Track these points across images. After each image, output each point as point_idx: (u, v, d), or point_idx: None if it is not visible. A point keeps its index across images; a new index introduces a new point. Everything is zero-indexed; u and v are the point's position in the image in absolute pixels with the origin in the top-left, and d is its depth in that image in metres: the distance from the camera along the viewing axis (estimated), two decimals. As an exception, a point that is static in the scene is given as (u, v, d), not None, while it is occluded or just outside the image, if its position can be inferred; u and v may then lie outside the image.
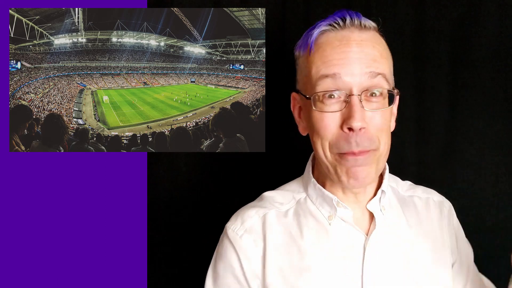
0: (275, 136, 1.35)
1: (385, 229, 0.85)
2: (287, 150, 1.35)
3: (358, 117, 0.74)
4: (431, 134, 1.29)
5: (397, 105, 0.89)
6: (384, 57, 0.80)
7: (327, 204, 0.85)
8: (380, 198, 0.86)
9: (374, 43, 0.79)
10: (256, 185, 1.36)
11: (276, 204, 0.89)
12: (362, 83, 0.75)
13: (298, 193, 0.90)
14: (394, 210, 0.90)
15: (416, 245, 0.87)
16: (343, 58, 0.76)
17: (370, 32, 0.80)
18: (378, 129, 0.77)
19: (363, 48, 0.76)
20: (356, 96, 0.75)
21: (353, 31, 0.79)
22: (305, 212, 0.86)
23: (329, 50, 0.78)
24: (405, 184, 0.97)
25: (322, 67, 0.77)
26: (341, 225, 0.84)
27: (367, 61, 0.76)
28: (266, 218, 0.86)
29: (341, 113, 0.76)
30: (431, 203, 0.94)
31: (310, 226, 0.84)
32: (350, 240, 0.83)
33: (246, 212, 0.89)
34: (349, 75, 0.75)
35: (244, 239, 0.84)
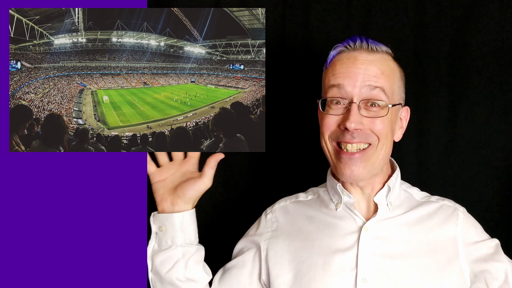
0: (275, 136, 1.35)
1: (387, 222, 0.94)
2: (287, 150, 1.35)
3: (353, 119, 0.88)
4: (431, 134, 1.29)
5: (407, 120, 1.00)
6: (386, 75, 0.92)
7: (336, 194, 0.99)
8: (387, 193, 0.95)
9: (378, 63, 0.92)
10: (256, 185, 1.36)
11: (304, 195, 1.08)
12: (362, 94, 0.90)
13: (322, 188, 1.08)
14: (402, 208, 0.97)
15: (417, 245, 0.92)
16: (348, 72, 0.91)
17: (377, 54, 0.93)
18: (377, 131, 0.90)
19: (366, 66, 0.91)
20: (354, 104, 0.89)
21: (361, 52, 0.93)
22: (321, 201, 1.04)
23: (339, 65, 0.93)
24: (421, 193, 1.03)
25: (331, 79, 0.93)
26: (345, 211, 0.97)
27: (368, 76, 0.90)
28: (289, 205, 1.07)
29: (342, 116, 0.91)
30: (444, 207, 0.98)
31: (322, 212, 1.01)
32: (351, 223, 0.95)
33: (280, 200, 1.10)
34: (351, 86, 0.90)
35: (268, 216, 1.07)
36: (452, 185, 1.27)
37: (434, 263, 0.89)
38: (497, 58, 1.25)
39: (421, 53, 1.30)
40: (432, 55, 1.29)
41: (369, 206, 0.97)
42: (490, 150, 1.26)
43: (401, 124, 0.99)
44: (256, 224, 1.08)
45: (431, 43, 1.29)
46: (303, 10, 1.35)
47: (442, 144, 1.29)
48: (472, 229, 0.96)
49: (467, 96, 1.27)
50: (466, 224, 0.95)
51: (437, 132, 1.29)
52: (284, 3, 1.36)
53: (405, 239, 0.92)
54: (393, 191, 0.96)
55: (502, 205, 1.26)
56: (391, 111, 0.92)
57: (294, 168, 1.35)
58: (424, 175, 1.29)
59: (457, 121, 1.28)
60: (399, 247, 0.91)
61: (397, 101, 0.95)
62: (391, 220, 0.95)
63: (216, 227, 1.35)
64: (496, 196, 1.26)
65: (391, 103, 0.91)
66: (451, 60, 1.28)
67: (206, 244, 1.02)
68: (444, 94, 1.29)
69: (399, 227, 0.94)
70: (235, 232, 1.11)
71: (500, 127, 1.25)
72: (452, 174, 1.28)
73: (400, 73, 0.97)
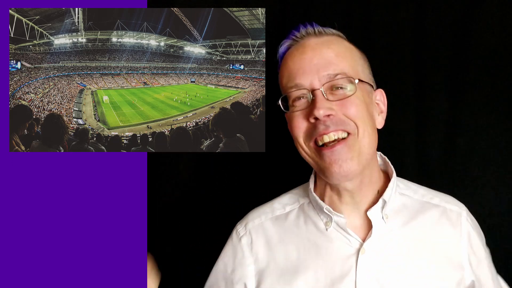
0: (275, 136, 1.34)
1: (384, 237, 0.85)
2: (287, 150, 1.34)
3: (320, 106, 0.79)
4: (431, 134, 1.29)
5: (384, 103, 0.92)
6: (341, 56, 0.84)
7: (323, 212, 0.87)
8: (382, 207, 0.86)
9: (330, 43, 0.85)
10: (256, 185, 1.36)
11: (279, 206, 0.95)
12: (323, 80, 0.81)
13: (302, 198, 0.95)
14: (399, 219, 0.88)
15: (418, 259, 0.84)
16: (301, 68, 0.83)
17: (326, 36, 0.87)
18: (351, 115, 0.81)
19: (318, 51, 0.83)
20: (319, 90, 0.80)
21: (309, 38, 0.86)
22: (306, 217, 0.91)
23: (290, 61, 0.86)
24: (421, 189, 0.95)
25: (286, 79, 0.86)
26: (338, 231, 0.86)
27: (322, 65, 0.82)
28: (266, 223, 0.93)
29: (308, 109, 0.82)
30: (447, 213, 0.90)
31: (309, 231, 0.89)
32: (345, 246, 0.85)
33: (251, 214, 0.97)
34: (309, 80, 0.82)
35: (243, 241, 0.92)
36: (452, 185, 1.27)
37: (436, 280, 0.83)
38: (497, 58, 1.25)
39: (421, 53, 1.30)
40: (432, 55, 1.29)
41: (363, 221, 0.87)
42: (490, 150, 1.26)
43: (379, 108, 0.90)
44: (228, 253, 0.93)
45: (431, 43, 1.29)
46: (303, 10, 1.35)
47: (442, 144, 1.29)
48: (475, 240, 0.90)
49: (467, 96, 1.27)
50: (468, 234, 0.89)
51: (437, 132, 1.29)
52: (284, 3, 1.36)
53: (406, 259, 0.83)
54: (389, 203, 0.87)
55: (502, 206, 1.26)
56: (360, 90, 0.82)
57: (294, 168, 1.34)
58: (424, 175, 1.29)
59: (457, 121, 1.28)
60: (400, 268, 0.83)
61: (364, 79, 0.86)
62: (389, 237, 0.85)
63: (216, 227, 1.34)
64: (496, 196, 1.26)
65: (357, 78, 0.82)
66: (451, 60, 1.28)
67: (205, 244, 1.02)
68: (444, 94, 1.28)
69: (399, 245, 0.84)
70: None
71: (501, 127, 1.25)
72: (452, 174, 1.28)
73: (361, 53, 0.89)
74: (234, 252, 0.93)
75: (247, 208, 1.02)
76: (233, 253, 0.93)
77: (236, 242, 0.93)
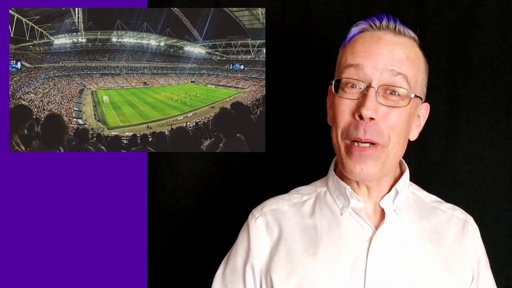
0: (275, 136, 1.35)
1: (396, 229, 0.86)
2: (287, 150, 1.35)
3: (369, 106, 0.77)
4: (431, 134, 1.29)
5: (425, 118, 0.92)
6: (411, 61, 0.83)
7: (342, 196, 0.89)
8: (394, 197, 0.88)
9: (404, 47, 0.83)
10: (256, 185, 1.36)
11: (297, 195, 0.96)
12: (383, 79, 0.80)
13: (320, 187, 0.96)
14: (411, 214, 0.90)
15: (428, 256, 0.85)
16: (370, 52, 0.81)
17: (404, 38, 0.85)
18: (389, 127, 0.81)
19: (392, 48, 0.81)
20: (373, 89, 0.79)
21: (386, 33, 0.84)
22: (322, 203, 0.92)
23: (360, 43, 0.84)
24: (431, 196, 0.97)
25: (350, 57, 0.83)
26: (352, 216, 0.87)
27: (391, 59, 0.80)
28: (283, 208, 0.94)
29: (357, 101, 0.81)
30: (454, 219, 0.92)
31: (324, 215, 0.90)
32: (358, 231, 0.86)
33: (268, 201, 0.97)
34: (371, 68, 0.80)
35: (258, 221, 0.93)
36: (452, 186, 1.27)
37: (442, 278, 0.84)
38: (497, 56, 1.25)
39: (421, 53, 1.30)
40: (432, 55, 1.29)
41: (375, 211, 0.88)
42: (491, 150, 1.26)
43: (418, 122, 0.90)
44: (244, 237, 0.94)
45: (431, 43, 1.29)
46: (303, 10, 1.35)
47: (442, 144, 1.29)
48: (480, 247, 0.93)
49: (467, 96, 1.27)
50: (476, 240, 0.92)
51: (437, 132, 1.29)
52: (284, 3, 1.36)
53: (416, 253, 0.85)
54: (401, 194, 0.88)
55: (502, 206, 1.26)
56: (412, 104, 0.82)
57: (294, 168, 1.35)
58: (424, 175, 1.29)
59: (457, 121, 1.28)
60: (409, 261, 0.84)
61: (419, 93, 0.85)
62: (401, 229, 0.87)
63: (216, 226, 1.35)
64: (496, 196, 1.26)
65: (414, 93, 0.82)
66: (450, 61, 1.28)
67: (205, 244, 1.02)
68: (444, 94, 1.29)
69: (410, 239, 0.86)
70: (235, 232, 1.11)
71: (501, 128, 1.25)
72: (452, 174, 1.28)
73: (426, 65, 0.89)
74: (248, 234, 0.93)
75: (247, 208, 1.02)
76: (247, 235, 0.93)
77: (252, 223, 0.94)
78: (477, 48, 1.26)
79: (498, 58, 1.25)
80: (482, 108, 1.26)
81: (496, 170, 1.26)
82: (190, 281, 1.32)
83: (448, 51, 1.28)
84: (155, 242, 1.32)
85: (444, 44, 1.28)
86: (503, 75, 1.25)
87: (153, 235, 1.31)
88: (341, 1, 1.33)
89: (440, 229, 0.90)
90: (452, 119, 1.28)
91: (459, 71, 1.28)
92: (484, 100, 1.26)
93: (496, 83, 1.25)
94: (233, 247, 0.97)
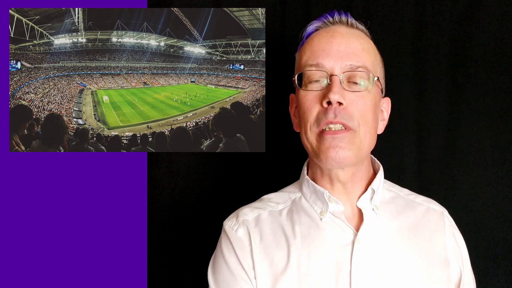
0: (275, 136, 1.35)
1: (377, 229, 0.86)
2: (287, 150, 1.35)
3: (336, 91, 0.79)
4: (431, 134, 1.29)
5: (388, 112, 0.94)
6: (366, 52, 0.85)
7: (320, 201, 0.88)
8: (371, 196, 0.88)
9: (359, 37, 0.86)
10: (256, 185, 1.36)
11: (272, 204, 0.94)
12: (344, 68, 0.82)
13: (294, 194, 0.95)
14: (389, 211, 0.90)
15: (411, 253, 0.86)
16: (328, 50, 0.84)
17: (356, 30, 0.89)
18: (358, 112, 0.82)
19: (346, 40, 0.84)
20: (336, 77, 0.81)
21: (341, 26, 0.88)
22: (299, 210, 0.90)
23: (317, 40, 0.86)
24: (405, 190, 0.98)
25: (309, 57, 0.86)
26: (332, 221, 0.86)
27: (348, 54, 0.83)
28: (260, 216, 0.91)
29: (323, 91, 0.82)
30: (431, 211, 0.93)
31: (302, 222, 0.88)
32: (340, 235, 0.85)
33: (241, 210, 0.94)
34: (332, 62, 0.82)
35: (239, 232, 0.89)
36: (452, 185, 1.27)
37: (427, 272, 0.85)
38: (497, 56, 1.25)
39: (421, 52, 1.30)
40: (432, 53, 1.29)
41: (354, 213, 0.88)
42: (490, 150, 1.26)
43: (383, 116, 0.92)
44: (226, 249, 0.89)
45: (431, 41, 1.29)
46: (303, 10, 1.35)
47: (442, 144, 1.29)
48: (458, 237, 0.94)
49: (467, 94, 1.27)
50: (452, 231, 0.93)
51: (437, 132, 1.29)
52: (284, 3, 1.36)
53: (398, 250, 0.85)
54: (377, 193, 0.89)
55: (502, 206, 1.26)
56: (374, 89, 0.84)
57: (294, 168, 1.34)
58: (424, 175, 1.29)
59: (457, 120, 1.28)
60: (393, 259, 0.84)
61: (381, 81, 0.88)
62: (382, 228, 0.87)
63: (216, 227, 1.35)
64: (496, 196, 1.26)
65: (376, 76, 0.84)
66: (451, 58, 1.28)
67: (205, 244, 1.01)
68: (444, 92, 1.29)
69: (391, 237, 0.86)
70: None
71: (501, 126, 1.25)
72: (452, 174, 1.28)
73: (380, 57, 0.91)
74: (232, 247, 0.89)
75: (247, 208, 1.02)
76: (231, 247, 0.89)
77: (233, 235, 0.89)
78: (477, 48, 1.26)
79: (498, 58, 1.25)
80: (482, 108, 1.26)
81: (496, 170, 1.26)
82: (190, 281, 1.32)
83: (448, 50, 1.28)
84: (155, 242, 1.32)
85: (444, 44, 1.28)
86: (503, 75, 1.25)
87: (153, 235, 1.31)
88: (341, 1, 1.33)
89: (419, 223, 0.90)
90: (452, 118, 1.28)
91: (459, 70, 1.28)
92: (484, 100, 1.26)
93: (496, 83, 1.25)
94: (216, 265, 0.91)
